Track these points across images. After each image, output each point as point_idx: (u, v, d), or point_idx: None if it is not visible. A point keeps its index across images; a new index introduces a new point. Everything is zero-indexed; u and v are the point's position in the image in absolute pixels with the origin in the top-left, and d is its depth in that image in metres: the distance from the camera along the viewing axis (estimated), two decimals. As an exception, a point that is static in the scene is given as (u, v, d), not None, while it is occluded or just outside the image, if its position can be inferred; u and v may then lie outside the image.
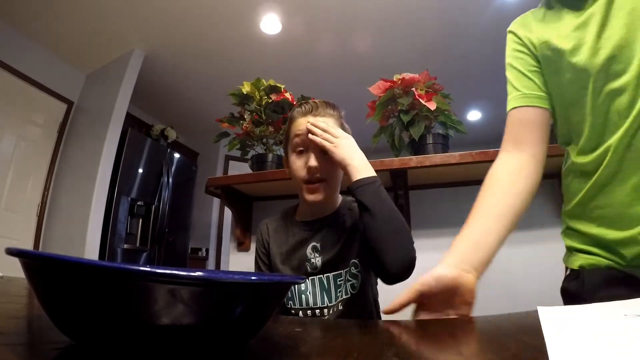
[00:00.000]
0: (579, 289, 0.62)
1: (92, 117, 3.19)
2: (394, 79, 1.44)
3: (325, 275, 0.82)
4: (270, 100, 1.55)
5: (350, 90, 2.88)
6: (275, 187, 1.55)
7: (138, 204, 3.28)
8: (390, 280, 0.71)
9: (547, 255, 1.34)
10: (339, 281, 0.81)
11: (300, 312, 0.81)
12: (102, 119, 3.07)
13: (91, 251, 2.80)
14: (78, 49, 3.13)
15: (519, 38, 0.70)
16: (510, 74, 0.71)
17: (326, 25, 2.98)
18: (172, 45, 3.19)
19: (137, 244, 3.32)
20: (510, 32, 0.73)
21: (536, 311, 0.41)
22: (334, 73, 3.60)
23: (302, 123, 0.82)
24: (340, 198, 0.90)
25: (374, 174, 0.78)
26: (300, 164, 0.82)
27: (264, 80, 1.58)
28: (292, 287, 0.81)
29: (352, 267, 0.80)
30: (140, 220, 3.38)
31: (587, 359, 0.23)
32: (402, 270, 0.69)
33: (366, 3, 2.73)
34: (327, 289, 0.81)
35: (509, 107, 0.69)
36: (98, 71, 3.37)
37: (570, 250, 0.68)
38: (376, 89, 1.45)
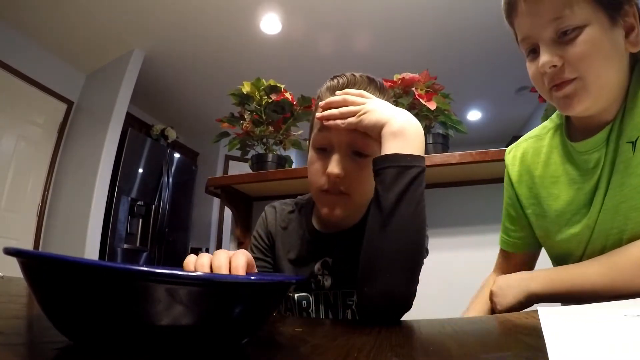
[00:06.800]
0: None
1: (92, 117, 3.19)
2: (394, 79, 1.44)
3: (332, 291, 0.64)
4: (270, 100, 1.55)
5: (350, 90, 2.88)
6: (275, 187, 1.55)
7: (138, 203, 3.28)
8: (366, 315, 0.52)
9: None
10: (349, 301, 0.63)
11: None
12: (102, 119, 3.07)
13: (91, 251, 2.80)
14: (78, 49, 3.13)
15: None
16: None
17: (326, 25, 2.97)
18: (172, 45, 3.19)
19: (137, 244, 3.32)
20: None
21: (536, 311, 0.41)
22: (334, 73, 3.54)
23: None
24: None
25: (419, 152, 0.51)
26: (318, 167, 0.59)
27: (264, 80, 1.58)
28: (294, 303, 0.67)
29: None
30: (140, 220, 3.38)
31: (587, 359, 0.23)
32: (382, 312, 0.48)
33: (366, 3, 2.73)
34: (332, 305, 0.64)
35: None
36: (98, 71, 3.37)
37: None
38: (376, 89, 1.45)
